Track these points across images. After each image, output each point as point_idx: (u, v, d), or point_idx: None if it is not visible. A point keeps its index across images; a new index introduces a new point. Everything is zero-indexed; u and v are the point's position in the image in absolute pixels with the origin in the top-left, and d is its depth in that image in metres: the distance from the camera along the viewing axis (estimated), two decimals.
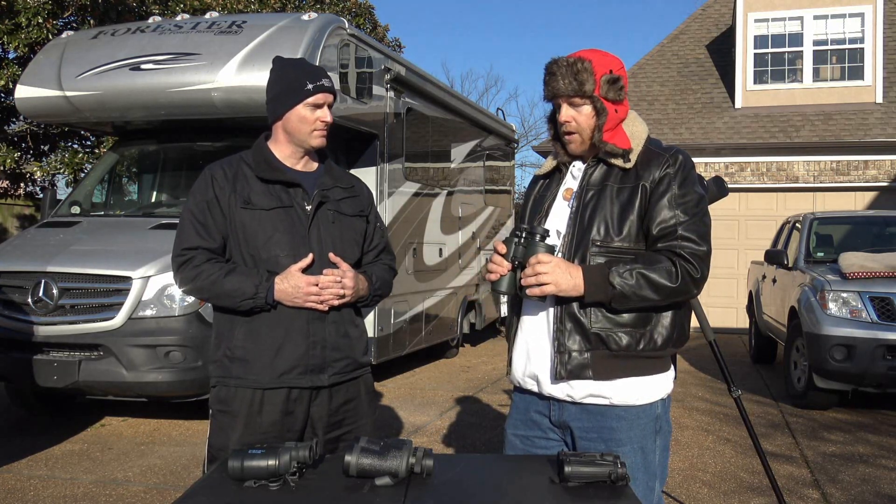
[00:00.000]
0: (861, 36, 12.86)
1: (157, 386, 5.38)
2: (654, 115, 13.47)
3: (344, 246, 2.46)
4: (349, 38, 6.58)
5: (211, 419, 2.45)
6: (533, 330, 2.21)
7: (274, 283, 2.34)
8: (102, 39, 6.46)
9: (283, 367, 2.36)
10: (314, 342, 2.38)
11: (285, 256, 2.37)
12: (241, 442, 2.32)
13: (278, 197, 2.40)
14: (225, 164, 2.45)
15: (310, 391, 2.40)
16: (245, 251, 2.39)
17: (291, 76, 2.41)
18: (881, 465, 5.15)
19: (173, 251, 2.44)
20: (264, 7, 12.41)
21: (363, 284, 2.48)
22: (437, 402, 7.00)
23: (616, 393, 2.12)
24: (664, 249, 2.08)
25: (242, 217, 2.37)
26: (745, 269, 11.67)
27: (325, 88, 2.41)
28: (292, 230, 2.39)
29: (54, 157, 10.45)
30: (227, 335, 2.41)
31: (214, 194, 2.40)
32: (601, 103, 2.11)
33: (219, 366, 2.42)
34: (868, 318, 6.27)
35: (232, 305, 2.36)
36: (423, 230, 8.37)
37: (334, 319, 2.42)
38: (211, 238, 2.40)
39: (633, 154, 2.15)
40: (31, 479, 4.65)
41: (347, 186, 2.55)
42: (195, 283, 2.38)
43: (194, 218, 2.41)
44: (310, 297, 2.34)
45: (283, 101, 2.40)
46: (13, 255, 5.77)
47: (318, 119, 2.41)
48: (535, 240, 2.07)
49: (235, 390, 2.38)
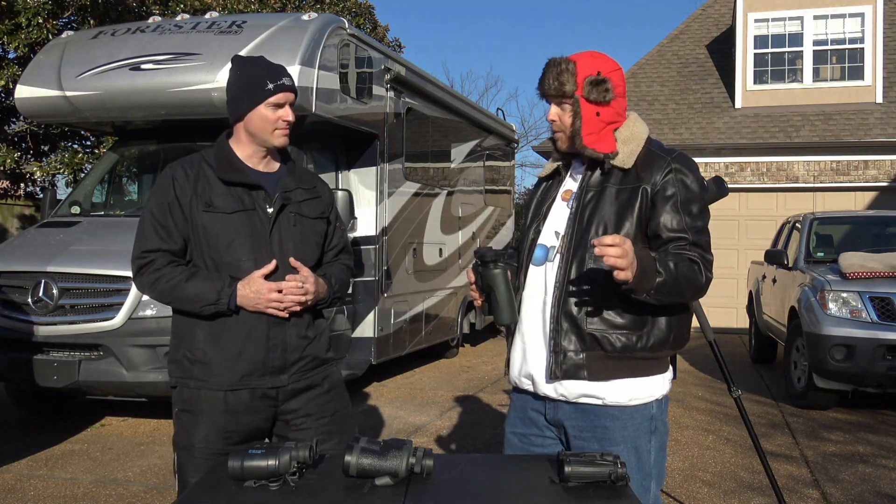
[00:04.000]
0: (861, 36, 12.86)
1: (157, 386, 5.37)
2: (654, 115, 13.47)
3: (305, 249, 2.45)
4: (349, 38, 6.58)
5: (175, 419, 2.43)
6: (530, 330, 2.21)
7: (236, 289, 2.32)
8: (102, 39, 6.45)
9: (244, 371, 2.36)
10: (274, 345, 2.38)
11: (247, 261, 2.35)
12: (205, 440, 2.34)
13: (240, 199, 2.38)
14: (186, 164, 2.42)
15: (273, 390, 2.40)
16: (206, 255, 2.38)
17: (251, 75, 2.38)
18: (881, 464, 5.15)
19: (133, 253, 2.41)
20: (264, 7, 12.42)
21: (322, 287, 2.47)
22: (437, 402, 7.00)
23: (609, 393, 2.12)
24: (675, 253, 2.08)
25: (204, 220, 2.35)
26: (745, 269, 11.66)
27: (285, 87, 2.38)
28: (254, 234, 2.37)
29: (54, 157, 10.46)
30: (188, 337, 2.39)
31: (175, 196, 2.37)
32: (579, 105, 2.11)
33: (178, 366, 2.41)
34: (868, 318, 6.27)
35: (193, 310, 2.35)
36: (423, 230, 8.37)
37: (294, 323, 2.42)
38: (172, 240, 2.38)
39: (623, 156, 2.14)
40: (31, 479, 4.65)
41: (309, 187, 2.53)
42: (155, 286, 2.36)
43: (155, 220, 2.38)
44: (272, 304, 2.33)
45: (243, 101, 2.37)
46: (13, 255, 5.77)
47: (279, 118, 2.38)
48: (487, 269, 2.13)
49: (197, 392, 2.37)
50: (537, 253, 2.23)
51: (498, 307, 2.14)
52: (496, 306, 2.15)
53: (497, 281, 2.13)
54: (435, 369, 8.91)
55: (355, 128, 6.84)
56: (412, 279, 8.11)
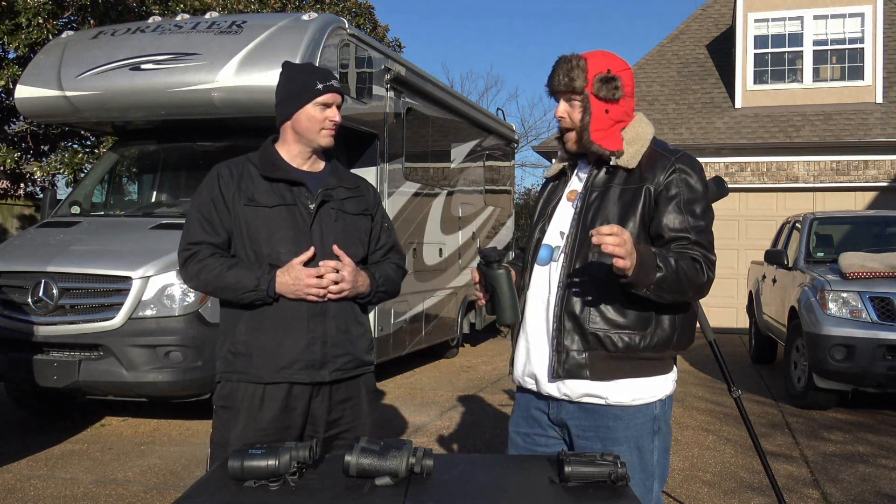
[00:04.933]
0: (861, 36, 12.86)
1: (157, 386, 5.38)
2: (654, 115, 13.46)
3: (346, 243, 2.48)
4: (349, 38, 6.58)
5: (214, 415, 2.48)
6: (534, 330, 2.22)
7: (275, 276, 2.37)
8: (102, 39, 6.45)
9: (284, 362, 2.38)
10: (314, 338, 2.40)
11: (286, 253, 2.40)
12: (241, 438, 2.35)
13: (281, 195, 2.44)
14: (231, 164, 2.51)
15: (310, 387, 2.42)
16: (248, 247, 2.43)
17: (301, 77, 2.48)
18: (881, 464, 5.15)
19: (179, 246, 2.49)
20: (264, 7, 12.42)
21: (364, 280, 2.49)
22: (437, 402, 7.00)
23: (613, 393, 2.12)
24: (677, 251, 2.08)
25: (246, 214, 2.42)
26: (745, 269, 11.67)
27: (333, 88, 2.47)
28: (294, 227, 2.42)
29: (54, 157, 10.46)
30: (231, 331, 2.45)
31: (220, 191, 2.45)
32: (588, 101, 2.13)
33: (223, 361, 2.46)
34: (868, 318, 6.27)
35: (234, 298, 2.40)
36: (423, 230, 8.37)
37: (335, 315, 2.44)
38: (215, 233, 2.45)
39: (628, 155, 2.15)
40: (31, 479, 4.65)
41: (352, 186, 2.58)
42: (199, 276, 2.43)
43: (200, 214, 2.46)
44: (310, 289, 2.37)
45: (292, 100, 2.45)
46: (13, 255, 5.77)
47: (327, 118, 2.46)
48: (491, 269, 2.15)
49: (237, 385, 2.41)
50: (542, 253, 2.24)
51: (501, 307, 2.16)
52: (499, 306, 2.16)
53: (500, 280, 2.15)
54: (435, 369, 8.91)
55: (355, 128, 6.83)
56: (412, 279, 8.10)
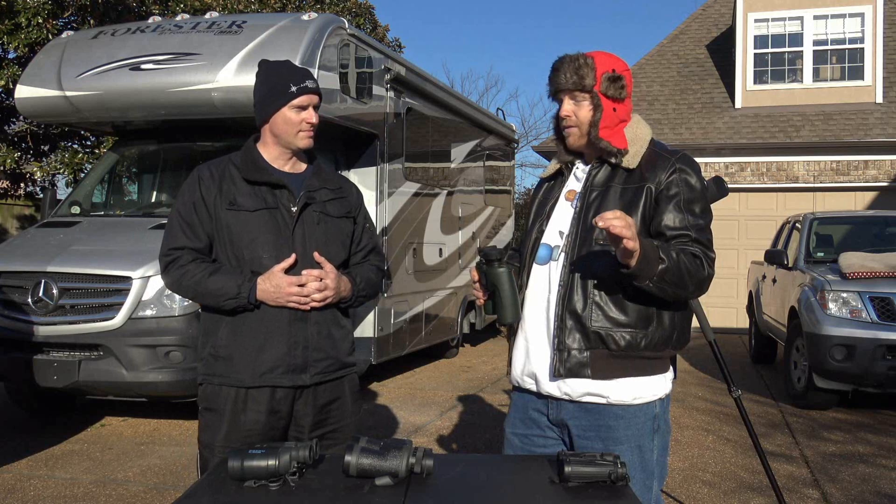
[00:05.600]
0: (861, 36, 12.86)
1: (157, 386, 5.38)
2: (654, 115, 13.47)
3: (329, 247, 2.47)
4: (349, 38, 6.58)
5: (199, 417, 2.47)
6: (533, 328, 2.22)
7: (256, 283, 2.35)
8: (102, 39, 6.45)
9: (265, 367, 2.38)
10: (295, 342, 2.39)
11: (268, 258, 2.38)
12: (226, 440, 2.35)
13: (263, 198, 2.41)
14: (213, 166, 2.48)
15: (293, 390, 2.41)
16: (230, 252, 2.41)
17: (275, 79, 2.43)
18: (881, 464, 5.15)
19: (160, 251, 2.47)
20: (264, 7, 12.42)
21: (346, 285, 2.48)
22: (437, 402, 7.00)
23: (613, 392, 2.12)
24: (678, 247, 2.08)
25: (227, 218, 2.39)
26: (745, 269, 11.66)
27: (308, 90, 2.43)
28: (276, 231, 2.40)
29: (54, 157, 10.46)
30: (213, 333, 2.44)
31: (201, 195, 2.42)
32: (599, 99, 2.14)
33: (204, 364, 2.45)
34: (868, 318, 6.27)
35: (215, 305, 2.39)
36: (423, 230, 8.37)
37: (317, 320, 2.43)
38: (197, 238, 2.42)
39: (630, 155, 2.16)
40: (31, 479, 4.65)
41: (335, 188, 2.56)
42: (180, 282, 2.41)
43: (181, 218, 2.44)
44: (291, 297, 2.35)
45: (268, 103, 2.42)
46: (13, 255, 5.77)
47: (303, 120, 2.43)
48: (492, 267, 2.15)
49: (219, 388, 2.40)
50: (541, 252, 2.23)
51: (502, 306, 2.15)
52: (500, 305, 2.16)
53: (501, 279, 2.14)
54: (435, 369, 8.91)
55: (355, 128, 6.84)
56: (412, 279, 8.11)
